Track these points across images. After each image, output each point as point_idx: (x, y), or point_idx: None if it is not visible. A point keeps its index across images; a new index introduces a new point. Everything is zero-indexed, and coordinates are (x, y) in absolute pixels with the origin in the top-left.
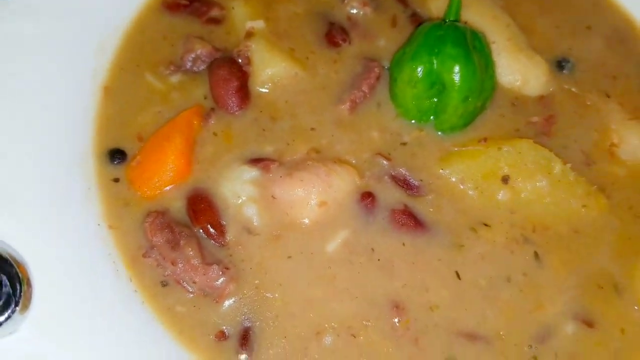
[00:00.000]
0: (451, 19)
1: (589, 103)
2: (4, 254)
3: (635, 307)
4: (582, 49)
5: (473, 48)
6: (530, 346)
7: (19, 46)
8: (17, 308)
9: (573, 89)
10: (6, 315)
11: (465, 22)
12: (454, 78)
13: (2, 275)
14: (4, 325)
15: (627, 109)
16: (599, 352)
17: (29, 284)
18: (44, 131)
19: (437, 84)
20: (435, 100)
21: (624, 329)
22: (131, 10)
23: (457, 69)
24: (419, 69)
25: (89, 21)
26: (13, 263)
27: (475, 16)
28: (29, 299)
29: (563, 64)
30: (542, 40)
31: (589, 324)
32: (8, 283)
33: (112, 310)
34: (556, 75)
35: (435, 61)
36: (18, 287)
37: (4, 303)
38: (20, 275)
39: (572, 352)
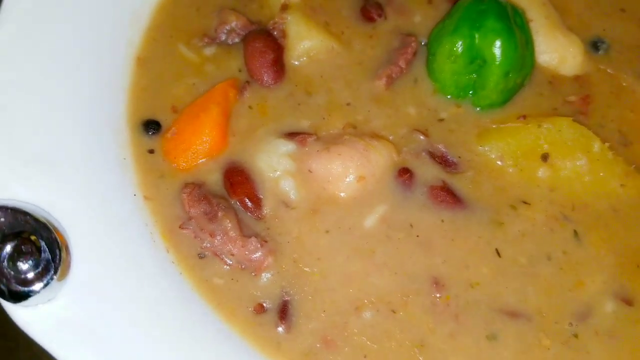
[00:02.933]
0: None
1: (624, 84)
2: (44, 220)
3: None
4: (617, 31)
5: (514, 23)
6: (571, 324)
7: (54, 16)
8: (56, 275)
9: (609, 70)
10: (45, 281)
11: None
12: (495, 53)
13: (41, 241)
14: (43, 292)
15: None
16: (638, 329)
17: (67, 251)
18: (79, 101)
19: (477, 59)
20: (475, 76)
21: None
22: None
23: (498, 43)
24: (459, 43)
25: None
26: (52, 229)
27: None
28: (67, 267)
29: (598, 44)
30: (577, 20)
31: (629, 302)
32: (47, 249)
33: (149, 280)
34: (592, 55)
35: (476, 35)
36: (57, 254)
37: (42, 269)
38: (59, 242)
39: (612, 330)
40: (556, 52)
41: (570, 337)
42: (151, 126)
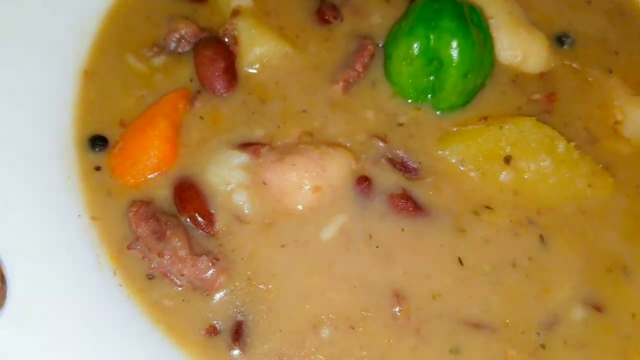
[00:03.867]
0: None
1: (590, 79)
2: None
3: None
4: (583, 24)
5: (471, 22)
6: (538, 333)
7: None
8: None
9: (574, 65)
10: None
11: None
12: (452, 53)
13: None
14: None
15: (630, 84)
16: (610, 338)
17: (3, 281)
18: (22, 118)
19: (434, 61)
20: (433, 77)
21: (635, 314)
22: None
23: (455, 43)
24: (415, 44)
25: (69, 2)
26: None
27: None
28: (3, 296)
29: (563, 39)
30: (541, 15)
31: (598, 308)
32: None
33: (95, 305)
34: (556, 50)
35: (432, 36)
36: None
37: None
38: None
39: (581, 338)
40: (519, 48)
41: (537, 347)
42: (98, 142)
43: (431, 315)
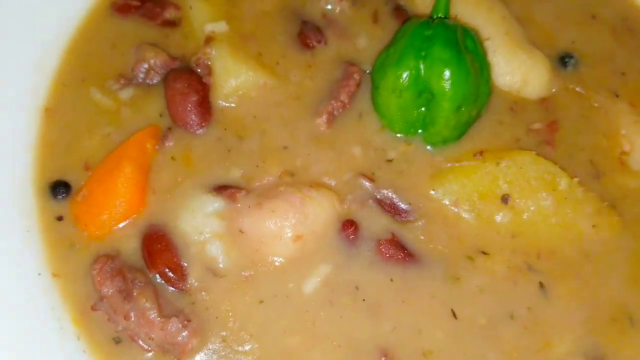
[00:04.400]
0: (440, 15)
1: (596, 104)
2: None
3: None
4: (587, 42)
5: (465, 49)
6: None
7: None
8: None
9: (578, 89)
10: None
11: (456, 16)
12: (444, 85)
13: None
14: None
15: (638, 109)
16: None
17: None
18: None
19: (425, 92)
20: (424, 110)
21: None
22: (75, 15)
23: (447, 74)
24: (405, 75)
25: (27, 30)
26: None
27: (467, 9)
28: None
29: (566, 60)
30: (542, 33)
31: None
32: None
33: None
34: (559, 73)
35: (422, 66)
36: None
37: None
38: None
39: None
40: (518, 72)
41: None
42: (60, 188)
43: None
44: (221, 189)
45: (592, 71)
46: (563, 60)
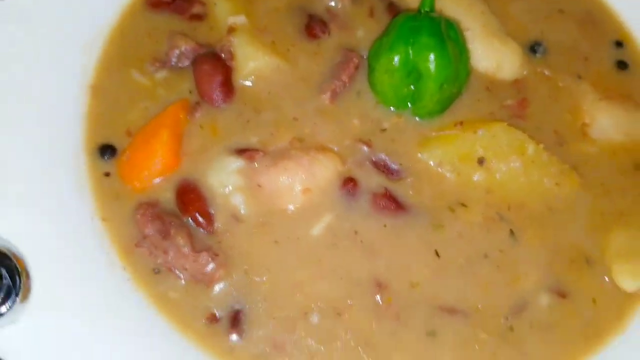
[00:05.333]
0: (426, 9)
1: (561, 85)
2: (2, 249)
3: (606, 279)
4: (555, 33)
5: (447, 37)
6: (507, 318)
7: (9, 48)
8: (17, 298)
9: (546, 72)
10: (8, 306)
11: (441, 10)
12: (429, 66)
13: (2, 268)
14: (6, 315)
15: (598, 89)
16: (572, 321)
17: (27, 276)
18: (36, 130)
19: (413, 73)
20: (413, 87)
21: (595, 299)
22: (115, 9)
23: (432, 57)
24: (396, 58)
25: (75, 22)
26: (11, 257)
27: (450, 4)
28: (28, 290)
29: (536, 48)
30: (516, 25)
31: (562, 295)
32: (8, 276)
33: (107, 298)
34: (530, 59)
35: (411, 51)
36: (17, 279)
37: (4, 294)
38: (19, 268)
39: (546, 322)
40: (493, 58)
41: (506, 330)
42: (107, 150)
43: (410, 302)
44: (242, 152)
45: (558, 57)
46: (533, 48)
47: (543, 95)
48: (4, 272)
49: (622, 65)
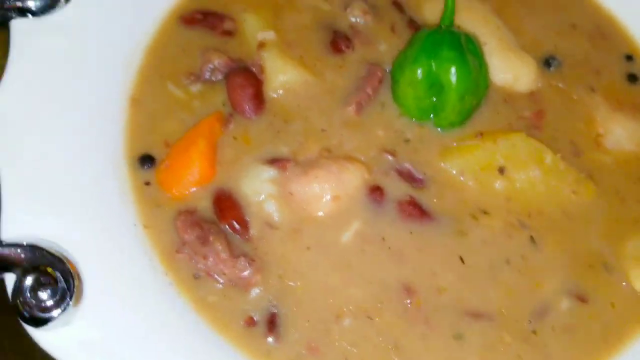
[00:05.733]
0: (446, 24)
1: (575, 97)
2: (58, 254)
3: (624, 283)
4: (568, 47)
5: (467, 50)
6: (530, 321)
7: (54, 62)
8: (71, 302)
9: (560, 85)
10: (62, 308)
11: (459, 26)
12: (451, 79)
13: (57, 272)
14: (61, 317)
15: (610, 101)
16: (592, 324)
17: (80, 280)
18: (81, 141)
19: (435, 85)
20: (435, 99)
21: (614, 303)
22: (152, 26)
23: (453, 70)
24: (419, 71)
25: (114, 38)
26: (66, 262)
27: (468, 20)
28: (80, 294)
29: (550, 61)
30: (530, 40)
31: (582, 299)
32: (62, 279)
33: (151, 301)
34: (544, 72)
35: (433, 64)
36: (72, 283)
37: (59, 297)
38: (72, 272)
39: (567, 325)
40: (510, 71)
41: (529, 333)
42: (146, 160)
43: (437, 306)
44: (273, 161)
45: (571, 70)
46: (547, 62)
47: (558, 107)
48: (59, 275)
49: (632, 78)
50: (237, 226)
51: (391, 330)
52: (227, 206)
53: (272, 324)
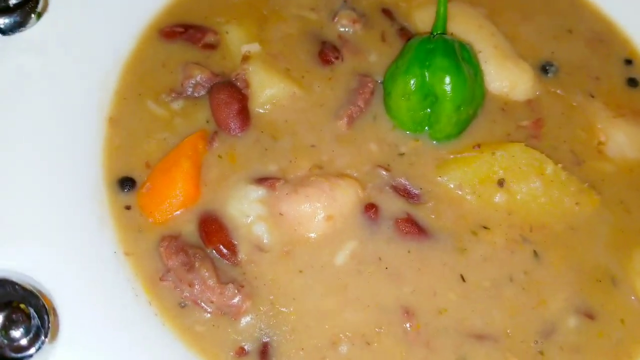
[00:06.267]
0: (439, 32)
1: (574, 104)
2: (30, 288)
3: (633, 297)
4: (565, 52)
5: (462, 59)
6: (536, 342)
7: (26, 82)
8: (47, 339)
9: (559, 92)
10: (37, 346)
11: (452, 34)
12: (445, 89)
13: (30, 308)
14: (36, 356)
15: (611, 107)
16: (602, 342)
17: (55, 315)
18: (55, 165)
19: (429, 96)
20: (429, 111)
21: (624, 320)
22: (130, 41)
23: (448, 80)
24: (412, 81)
25: (90, 55)
26: (39, 296)
27: (461, 27)
28: (57, 329)
29: (547, 68)
30: (526, 46)
31: (590, 316)
32: (36, 315)
33: (134, 333)
34: (542, 79)
35: (427, 73)
36: (46, 319)
37: (34, 335)
38: (47, 307)
39: (576, 344)
40: (506, 79)
41: (536, 354)
42: (126, 183)
43: (438, 329)
44: (262, 180)
45: (570, 77)
46: (545, 68)
47: (557, 115)
48: (32, 311)
49: (632, 82)
50: (224, 250)
51: (391, 356)
52: (213, 229)
53: (264, 353)
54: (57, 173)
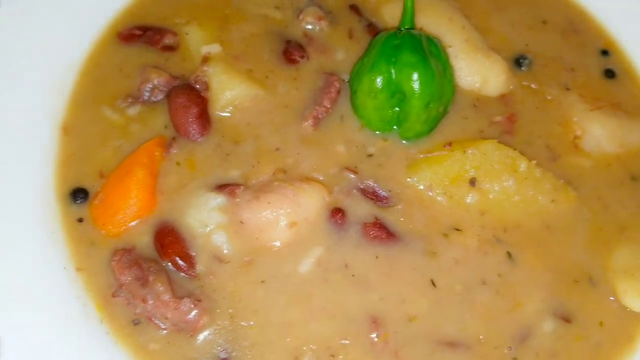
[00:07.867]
0: (406, 27)
1: (549, 97)
2: None
3: (611, 298)
4: (539, 45)
5: (430, 54)
6: (510, 348)
7: None
8: None
9: (533, 85)
10: None
11: (421, 28)
12: (413, 86)
13: None
14: None
15: (587, 100)
16: (580, 347)
17: None
18: (3, 176)
19: (397, 93)
20: (397, 109)
21: (603, 322)
22: (84, 45)
23: (415, 76)
24: (378, 79)
25: (42, 60)
26: None
27: (430, 20)
28: None
29: (521, 60)
30: (499, 38)
31: (567, 319)
32: None
33: (85, 354)
34: (515, 72)
35: (393, 70)
36: None
37: None
38: None
39: (552, 349)
40: (478, 74)
41: None
42: (79, 194)
43: (408, 337)
44: (222, 187)
45: (544, 69)
46: (518, 61)
47: (531, 109)
48: None
49: (609, 73)
50: (180, 263)
51: None
52: (169, 241)
53: None
54: (4, 184)
